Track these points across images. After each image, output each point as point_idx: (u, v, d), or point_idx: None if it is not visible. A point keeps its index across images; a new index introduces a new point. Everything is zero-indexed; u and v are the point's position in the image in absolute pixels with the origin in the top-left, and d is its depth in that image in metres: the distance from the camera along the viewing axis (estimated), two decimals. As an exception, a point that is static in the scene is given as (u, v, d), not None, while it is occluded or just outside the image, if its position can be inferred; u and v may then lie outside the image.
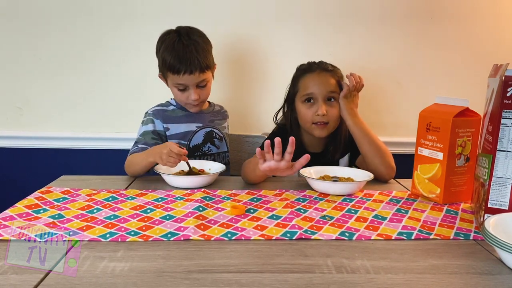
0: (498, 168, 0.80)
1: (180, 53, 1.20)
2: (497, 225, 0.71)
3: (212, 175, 1.10)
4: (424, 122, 0.99)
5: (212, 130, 1.37)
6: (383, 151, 1.16)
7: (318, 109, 1.19)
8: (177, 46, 1.21)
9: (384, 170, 1.15)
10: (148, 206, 0.92)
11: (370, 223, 0.85)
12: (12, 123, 1.61)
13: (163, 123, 1.30)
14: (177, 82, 1.24)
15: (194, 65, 1.20)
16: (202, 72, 1.22)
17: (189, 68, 1.20)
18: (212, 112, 1.40)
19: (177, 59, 1.20)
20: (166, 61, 1.22)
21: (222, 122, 1.42)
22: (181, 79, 1.22)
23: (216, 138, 1.37)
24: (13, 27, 1.54)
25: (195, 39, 1.23)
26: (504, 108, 0.78)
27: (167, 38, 1.24)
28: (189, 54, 1.20)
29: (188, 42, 1.21)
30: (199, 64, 1.20)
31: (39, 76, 1.58)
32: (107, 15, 1.54)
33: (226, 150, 1.41)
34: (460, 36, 1.60)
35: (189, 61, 1.19)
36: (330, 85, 1.21)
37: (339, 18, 1.57)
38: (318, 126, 1.22)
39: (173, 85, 1.26)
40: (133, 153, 1.21)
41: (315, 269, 0.65)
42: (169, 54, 1.21)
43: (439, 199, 0.97)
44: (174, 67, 1.20)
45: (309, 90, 1.21)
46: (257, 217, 0.87)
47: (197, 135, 1.34)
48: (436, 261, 0.69)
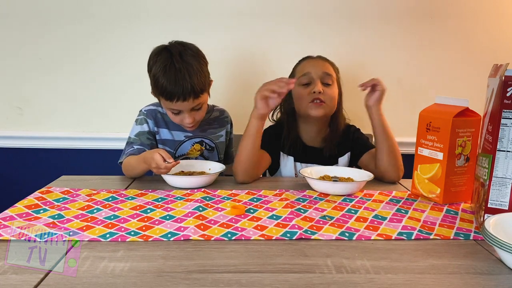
0: (498, 168, 0.80)
1: (172, 78, 1.11)
2: (497, 225, 0.71)
3: (212, 175, 1.10)
4: (424, 122, 0.99)
5: (202, 141, 1.31)
6: (397, 151, 1.16)
7: (315, 86, 1.20)
8: (169, 70, 1.11)
9: (394, 170, 1.15)
10: (148, 206, 0.92)
11: (370, 223, 0.85)
12: (12, 123, 1.61)
13: (154, 125, 1.26)
14: (170, 107, 1.17)
15: (187, 92, 1.12)
16: (196, 97, 1.14)
17: (182, 95, 1.12)
18: (207, 120, 1.33)
19: (169, 85, 1.11)
20: (158, 85, 1.14)
21: (218, 131, 1.35)
22: (174, 105, 1.15)
23: (206, 149, 1.32)
24: (13, 27, 1.54)
25: (188, 60, 1.13)
26: (504, 108, 0.78)
27: (158, 59, 1.15)
28: (181, 81, 1.11)
29: (180, 66, 1.12)
30: (192, 90, 1.12)
31: (39, 76, 1.58)
32: (107, 15, 1.54)
33: (217, 159, 1.34)
34: (460, 36, 1.60)
35: (182, 88, 1.11)
36: (326, 67, 1.23)
37: (338, 18, 1.57)
38: (314, 104, 1.21)
39: (166, 108, 1.20)
40: (130, 155, 1.17)
41: (315, 269, 0.65)
42: (161, 78, 1.12)
43: (439, 199, 0.97)
44: (166, 94, 1.13)
45: (305, 71, 1.23)
46: (257, 217, 0.87)
47: (185, 145, 1.29)
48: (436, 261, 0.69)
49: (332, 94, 1.22)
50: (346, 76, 1.37)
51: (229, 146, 1.43)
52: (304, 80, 1.22)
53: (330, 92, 1.22)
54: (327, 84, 1.22)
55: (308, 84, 1.22)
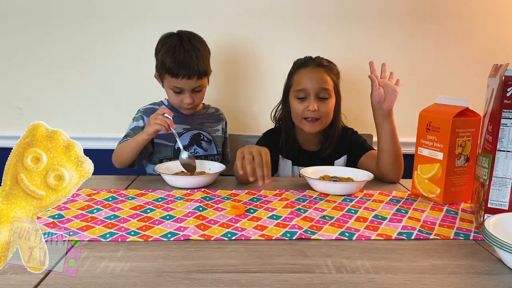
0: (498, 168, 0.80)
1: (181, 57, 1.21)
2: (497, 225, 0.71)
3: (212, 175, 1.10)
4: (424, 122, 0.99)
5: (200, 133, 1.37)
6: (401, 154, 1.16)
7: (309, 104, 1.20)
8: (178, 50, 1.22)
9: (396, 171, 1.15)
10: (148, 206, 0.92)
11: (370, 223, 0.85)
12: (12, 123, 1.61)
13: None
14: (174, 85, 1.25)
15: (193, 71, 1.22)
16: (199, 78, 1.24)
17: (188, 73, 1.21)
18: (204, 115, 1.41)
19: (177, 63, 1.21)
20: (165, 63, 1.23)
21: (214, 125, 1.42)
22: (179, 83, 1.24)
23: (204, 140, 1.37)
24: (13, 27, 1.54)
25: (196, 45, 1.25)
26: (504, 108, 0.78)
27: (168, 41, 1.25)
28: (189, 60, 1.21)
29: (189, 47, 1.23)
30: (198, 70, 1.22)
31: (39, 76, 1.58)
32: (107, 15, 1.54)
33: (215, 152, 1.40)
34: (460, 36, 1.60)
35: (189, 66, 1.21)
36: (323, 81, 1.21)
37: (337, 18, 1.57)
38: (308, 122, 1.22)
39: (169, 87, 1.27)
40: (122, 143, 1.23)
41: (315, 269, 0.65)
42: (169, 57, 1.22)
43: (439, 199, 0.97)
44: (173, 70, 1.22)
45: (301, 86, 1.22)
46: (257, 217, 0.87)
47: (183, 137, 1.34)
48: (436, 261, 0.69)
49: (327, 110, 1.23)
50: (345, 76, 1.37)
51: (224, 145, 1.46)
52: (300, 94, 1.22)
53: (325, 108, 1.22)
54: (324, 98, 1.22)
55: (304, 98, 1.22)
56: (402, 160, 1.16)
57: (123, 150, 1.20)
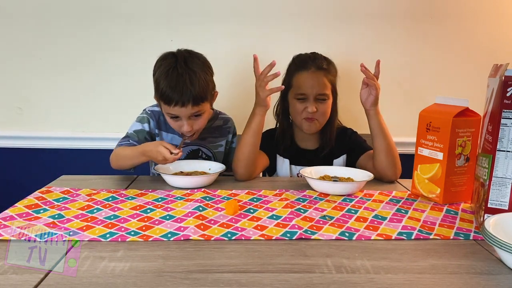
0: (498, 168, 0.80)
1: (173, 82, 1.10)
2: (497, 225, 0.71)
3: (212, 175, 1.10)
4: (424, 122, 0.99)
5: (199, 149, 1.30)
6: (395, 150, 1.17)
7: (308, 106, 1.22)
8: (171, 74, 1.11)
9: (392, 169, 1.15)
10: (148, 206, 0.92)
11: (370, 223, 0.85)
12: (12, 123, 1.61)
13: (155, 127, 1.26)
14: (168, 112, 1.16)
15: (186, 97, 1.10)
16: (195, 104, 1.12)
17: (181, 99, 1.10)
18: (209, 128, 1.30)
19: (169, 89, 1.11)
20: (159, 88, 1.13)
21: (218, 140, 1.33)
22: (173, 110, 1.13)
23: (202, 157, 1.30)
24: (13, 27, 1.54)
25: (192, 67, 1.13)
26: (504, 108, 0.78)
27: (163, 63, 1.15)
28: (181, 85, 1.10)
29: (182, 71, 1.11)
30: (191, 96, 1.10)
31: (39, 76, 1.58)
32: (107, 15, 1.54)
33: None
34: (460, 36, 1.60)
35: (181, 92, 1.10)
36: (322, 86, 1.23)
37: (337, 18, 1.57)
38: (307, 121, 1.25)
39: (165, 113, 1.19)
40: (122, 145, 1.16)
41: (315, 269, 0.65)
42: (162, 81, 1.12)
43: (439, 199, 0.97)
44: (166, 96, 1.11)
45: (301, 90, 1.23)
46: (257, 217, 0.87)
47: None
48: (436, 261, 0.69)
49: (325, 111, 1.25)
50: (345, 76, 1.37)
51: (228, 154, 1.38)
52: (299, 96, 1.24)
53: (323, 109, 1.24)
54: (322, 100, 1.24)
55: (303, 99, 1.24)
56: (396, 157, 1.16)
57: (121, 155, 1.14)
